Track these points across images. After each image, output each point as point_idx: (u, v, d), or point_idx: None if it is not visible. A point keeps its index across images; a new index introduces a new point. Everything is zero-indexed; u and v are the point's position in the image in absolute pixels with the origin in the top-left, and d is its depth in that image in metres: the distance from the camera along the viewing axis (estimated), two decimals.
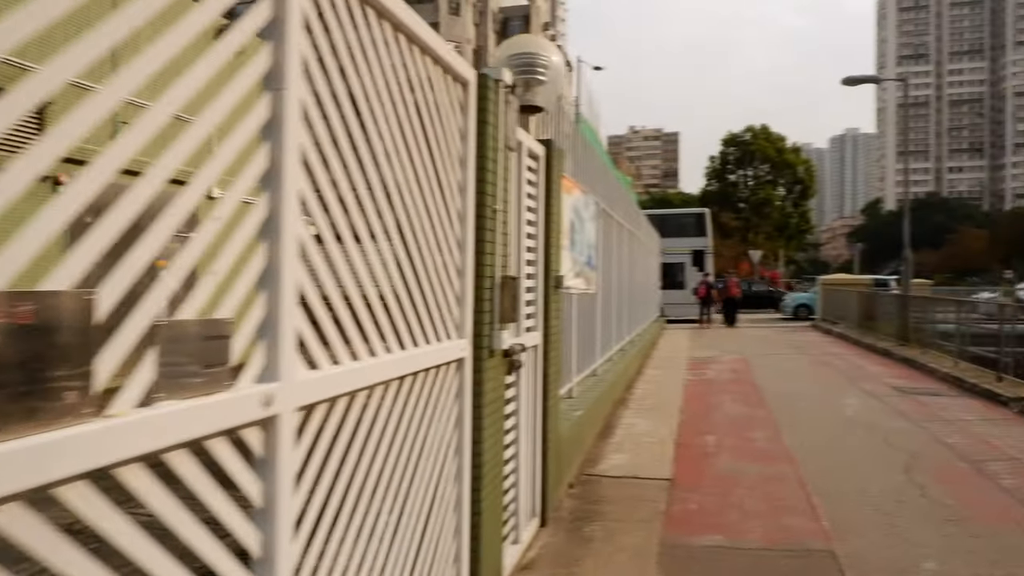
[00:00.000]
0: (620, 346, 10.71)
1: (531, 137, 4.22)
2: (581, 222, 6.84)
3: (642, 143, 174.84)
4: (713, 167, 49.02)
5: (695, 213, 27.70)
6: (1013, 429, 6.79)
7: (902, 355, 12.11)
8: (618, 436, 6.69)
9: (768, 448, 6.11)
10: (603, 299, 8.66)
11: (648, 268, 16.63)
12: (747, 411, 7.81)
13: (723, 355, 13.35)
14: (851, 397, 8.58)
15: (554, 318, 4.60)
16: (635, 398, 8.75)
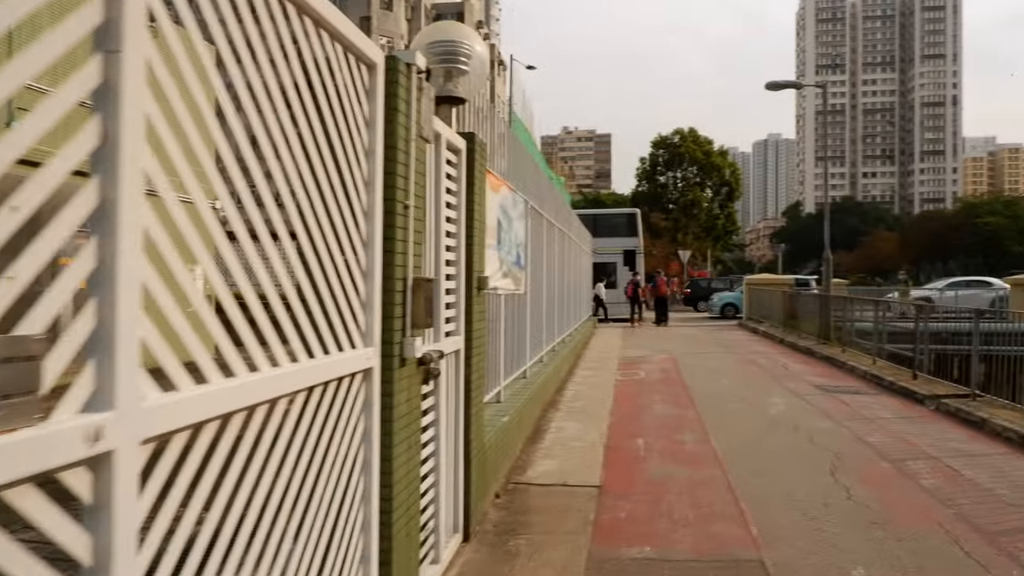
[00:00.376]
0: (551, 346, 10.58)
1: (451, 130, 3.97)
2: (509, 221, 6.63)
3: (575, 144, 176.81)
4: (643, 168, 49.87)
5: (626, 213, 28.04)
6: (929, 427, 6.97)
7: (824, 353, 12.44)
8: (547, 441, 6.52)
9: (697, 451, 6.04)
10: (533, 299, 8.48)
11: (580, 267, 16.62)
12: (676, 412, 7.77)
13: (653, 354, 13.42)
14: (776, 396, 8.69)
15: (477, 321, 4.37)
16: (566, 400, 8.61)
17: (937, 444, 6.21)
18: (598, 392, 9.16)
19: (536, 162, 9.00)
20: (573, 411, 7.91)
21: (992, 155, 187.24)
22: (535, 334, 8.63)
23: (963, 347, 10.34)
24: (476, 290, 4.34)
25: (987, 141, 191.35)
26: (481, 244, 4.53)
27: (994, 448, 6.13)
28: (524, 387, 7.17)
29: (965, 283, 25.75)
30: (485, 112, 5.30)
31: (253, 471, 1.81)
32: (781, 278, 23.33)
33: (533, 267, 8.54)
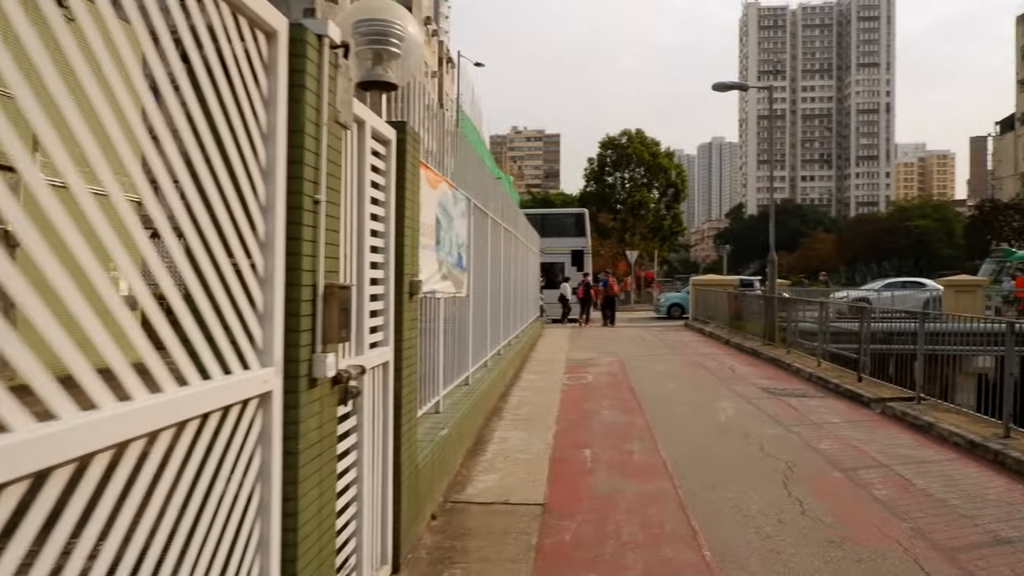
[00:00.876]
0: (497, 350, 10.23)
1: (379, 118, 3.56)
2: (449, 219, 6.25)
3: (524, 143, 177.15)
4: (591, 169, 50.01)
5: (574, 213, 27.92)
6: (877, 432, 6.88)
7: (769, 355, 12.44)
8: (490, 452, 6.15)
9: (646, 462, 5.77)
10: (477, 302, 8.11)
11: (527, 268, 16.33)
12: (624, 419, 7.52)
13: (601, 357, 13.21)
14: (725, 400, 8.53)
15: (409, 330, 3.97)
16: (510, 407, 8.26)
17: (887, 451, 6.09)
18: (544, 398, 8.85)
19: (480, 158, 8.63)
20: (518, 419, 7.56)
21: (922, 161, 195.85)
22: (479, 338, 8.26)
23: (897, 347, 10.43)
24: (408, 295, 3.94)
25: (918, 147, 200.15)
26: (414, 244, 4.13)
27: (942, 454, 6.05)
28: (466, 395, 6.80)
29: (900, 284, 26.51)
30: (421, 100, 4.90)
31: (89, 538, 1.39)
32: (726, 279, 23.55)
33: (477, 268, 8.17)
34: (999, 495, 4.89)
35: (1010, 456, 5.58)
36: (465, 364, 7.32)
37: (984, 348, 7.43)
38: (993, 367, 14.04)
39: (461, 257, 6.88)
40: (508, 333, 11.75)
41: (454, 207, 6.45)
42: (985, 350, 7.95)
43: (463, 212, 6.96)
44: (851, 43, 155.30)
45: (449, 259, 6.24)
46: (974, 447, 6.06)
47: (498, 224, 10.08)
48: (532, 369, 11.62)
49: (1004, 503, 4.71)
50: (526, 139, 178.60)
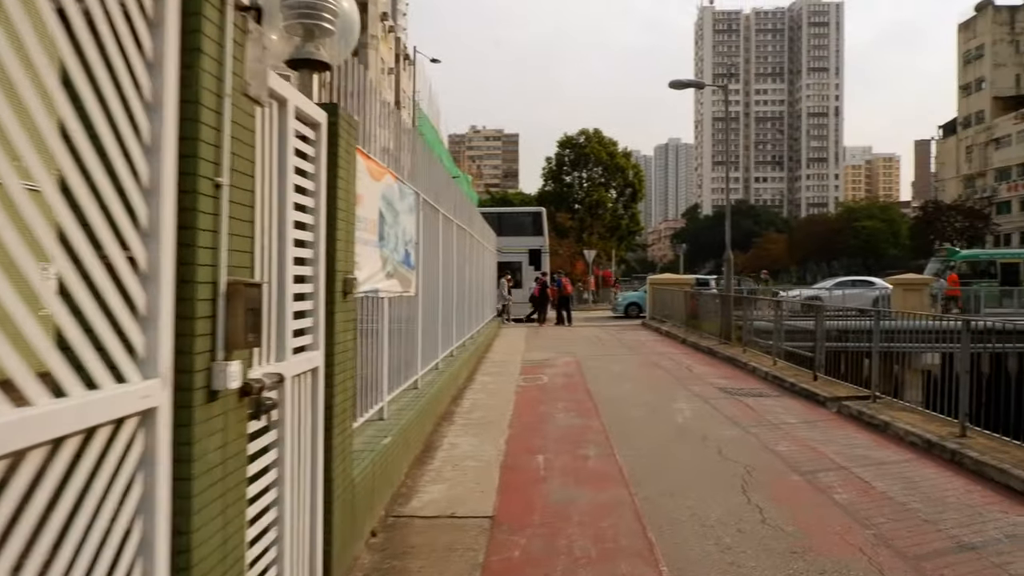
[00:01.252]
0: (450, 351, 9.91)
1: (306, 98, 3.22)
2: (395, 215, 5.91)
3: (483, 143, 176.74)
4: (550, 168, 49.95)
5: (532, 212, 27.72)
6: (834, 432, 6.78)
7: (725, 354, 12.38)
8: (438, 460, 5.83)
9: (601, 468, 5.53)
10: (427, 301, 7.78)
11: (483, 267, 16.03)
12: (580, 422, 7.28)
13: (557, 357, 12.99)
14: (682, 401, 8.37)
15: (344, 332, 3.63)
16: (463, 410, 7.95)
17: (845, 452, 5.98)
18: (498, 400, 8.56)
19: (430, 151, 8.30)
20: (470, 424, 7.26)
21: (869, 163, 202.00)
22: (429, 339, 7.93)
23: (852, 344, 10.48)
24: (342, 294, 3.60)
25: (865, 151, 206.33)
26: (349, 239, 3.79)
27: (899, 454, 5.95)
28: (414, 400, 6.46)
29: (851, 283, 27.04)
30: (360, 81, 4.55)
31: None
32: (683, 278, 23.64)
33: (427, 266, 7.84)
34: (959, 497, 4.78)
35: (967, 456, 5.50)
36: (414, 367, 6.98)
37: (940, 345, 7.38)
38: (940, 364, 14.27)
39: (409, 254, 6.54)
40: (462, 334, 11.44)
41: (400, 201, 6.11)
42: (940, 347, 7.94)
43: (411, 207, 6.63)
44: (802, 48, 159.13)
45: (395, 256, 5.91)
46: (931, 447, 5.98)
47: (451, 221, 9.76)
48: (487, 371, 11.32)
49: (964, 506, 4.60)
50: (485, 138, 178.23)
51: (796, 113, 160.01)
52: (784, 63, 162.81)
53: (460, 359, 10.00)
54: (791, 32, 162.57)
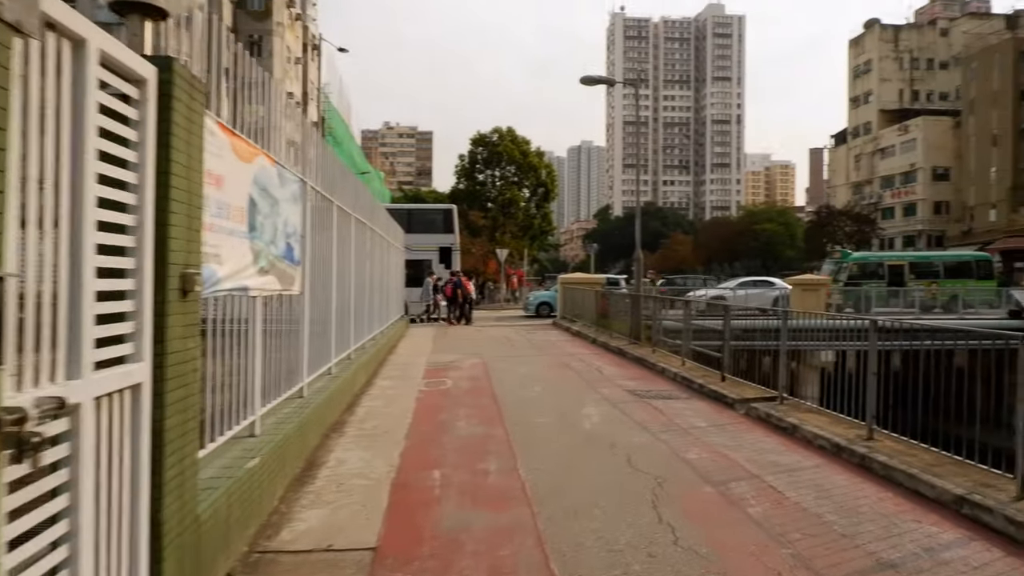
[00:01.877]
0: (347, 354, 9.20)
1: (122, 45, 2.55)
2: (273, 203, 5.20)
3: (397, 140, 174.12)
4: (463, 166, 49.32)
5: (443, 209, 27.08)
6: (743, 436, 6.57)
7: (635, 354, 12.21)
8: (321, 480, 5.18)
9: (503, 485, 5.04)
10: (317, 300, 7.08)
11: (389, 264, 15.30)
12: (482, 431, 6.77)
13: (464, 359, 12.46)
14: (591, 405, 8.01)
15: (182, 339, 2.96)
16: (356, 419, 7.29)
17: (755, 458, 5.74)
18: (396, 408, 7.94)
19: (322, 138, 7.57)
20: (362, 435, 6.61)
21: (767, 170, 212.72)
22: (319, 342, 7.22)
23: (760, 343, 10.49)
24: (180, 293, 2.93)
25: (763, 158, 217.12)
26: (193, 226, 3.12)
27: (809, 459, 5.78)
28: (298, 410, 5.77)
29: (752, 283, 27.90)
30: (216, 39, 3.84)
31: None
32: (594, 277, 23.62)
33: (318, 262, 7.14)
34: (872, 506, 4.58)
35: (876, 460, 5.36)
36: (298, 373, 6.27)
37: (848, 343, 7.32)
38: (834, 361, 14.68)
39: (292, 248, 5.84)
40: (362, 335, 10.72)
41: (281, 188, 5.41)
42: (848, 344, 7.93)
43: (295, 196, 5.93)
44: (707, 57, 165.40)
45: (272, 250, 5.21)
46: (840, 451, 5.84)
47: (348, 214, 9.05)
48: (388, 374, 10.65)
49: (879, 516, 4.39)
50: (398, 135, 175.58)
51: (701, 120, 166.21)
52: (691, 71, 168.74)
53: (358, 362, 9.31)
54: (697, 42, 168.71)
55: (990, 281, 28.79)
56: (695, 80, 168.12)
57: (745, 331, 11.73)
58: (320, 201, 7.35)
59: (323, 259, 7.69)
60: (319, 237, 7.44)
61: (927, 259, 30.37)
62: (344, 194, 8.95)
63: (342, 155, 44.40)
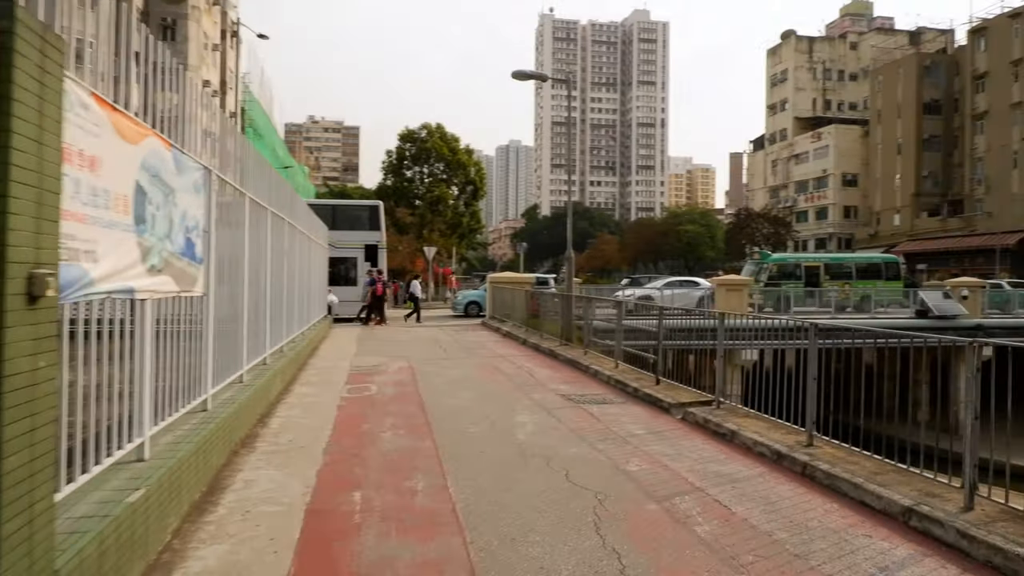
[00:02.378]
0: (262, 359, 8.51)
1: None
2: (168, 192, 4.56)
3: (322, 134, 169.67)
4: (390, 162, 48.22)
5: (368, 205, 26.20)
6: (683, 444, 6.32)
7: (567, 356, 11.93)
8: (224, 507, 4.58)
9: (431, 507, 4.58)
10: (225, 302, 6.42)
11: (311, 262, 14.53)
12: (409, 443, 6.27)
13: (389, 362, 11.87)
14: (524, 412, 7.63)
15: (26, 356, 2.37)
16: (270, 432, 6.65)
17: (697, 468, 5.49)
18: (315, 418, 7.33)
19: (232, 123, 6.88)
20: (276, 450, 6.00)
21: (689, 173, 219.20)
22: (227, 348, 6.56)
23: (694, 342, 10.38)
24: (26, 299, 2.35)
25: (685, 161, 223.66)
26: (48, 215, 2.53)
27: (751, 467, 5.57)
28: (200, 426, 5.13)
29: (679, 283, 28.27)
30: None
31: None
32: (524, 277, 23.34)
33: (226, 260, 6.48)
34: (821, 520, 4.37)
35: (819, 469, 5.19)
36: (201, 384, 5.62)
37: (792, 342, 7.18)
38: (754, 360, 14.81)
39: (193, 245, 5.19)
40: (279, 338, 10.00)
41: (178, 176, 4.77)
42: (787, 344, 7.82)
43: (197, 186, 5.28)
44: (633, 61, 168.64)
45: (168, 246, 4.57)
46: (781, 458, 5.66)
47: (263, 208, 8.37)
48: (308, 380, 9.96)
49: (829, 531, 4.17)
50: (324, 129, 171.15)
51: (627, 122, 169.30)
52: (617, 74, 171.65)
53: (275, 368, 8.62)
54: (623, 46, 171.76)
55: (898, 282, 30.22)
56: (621, 83, 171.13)
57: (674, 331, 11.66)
58: (230, 193, 6.68)
59: (234, 257, 7.01)
60: (229, 232, 6.77)
61: (841, 261, 31.60)
62: (259, 186, 8.26)
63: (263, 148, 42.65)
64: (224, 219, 6.44)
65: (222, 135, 6.11)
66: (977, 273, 42.24)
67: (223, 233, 6.39)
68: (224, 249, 6.46)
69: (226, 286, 6.63)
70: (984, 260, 45.86)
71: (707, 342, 9.11)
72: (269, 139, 45.91)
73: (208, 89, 43.70)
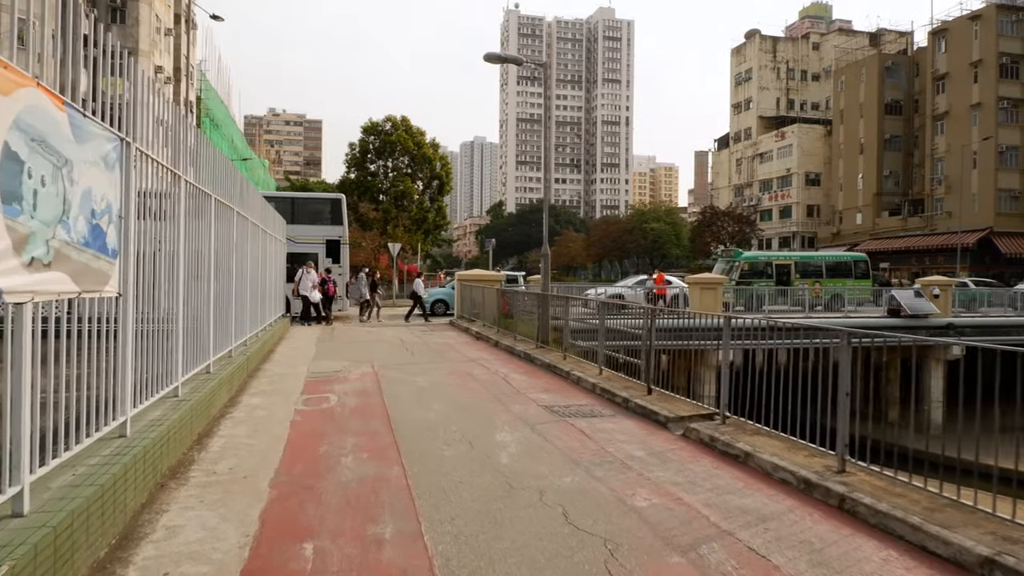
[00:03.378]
0: (206, 366, 7.47)
1: None
2: (61, 164, 3.52)
3: (284, 127, 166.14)
4: (353, 155, 46.67)
5: (330, 199, 24.95)
6: (692, 469, 5.49)
7: (545, 360, 11.06)
8: (135, 570, 3.58)
9: (402, 565, 3.64)
10: (152, 302, 5.39)
11: (267, 258, 13.41)
12: (375, 471, 5.32)
13: (352, 367, 10.85)
14: (505, 430, 6.72)
15: None
16: (209, 457, 5.63)
17: (716, 502, 4.66)
18: (264, 437, 6.32)
19: (161, 88, 5.81)
20: (213, 482, 5.00)
21: (653, 171, 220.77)
22: (155, 359, 5.52)
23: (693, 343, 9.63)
24: None
25: (649, 159, 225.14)
26: None
27: (777, 499, 4.76)
28: (111, 459, 4.12)
29: None
30: None
31: None
32: (493, 274, 22.40)
33: (157, 255, 5.45)
34: (880, 574, 3.58)
35: (861, 504, 4.41)
36: (118, 404, 4.59)
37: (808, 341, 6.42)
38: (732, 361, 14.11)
39: (103, 234, 4.17)
40: (227, 341, 8.93)
41: (78, 146, 3.74)
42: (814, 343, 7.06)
43: (108, 160, 4.25)
44: (598, 59, 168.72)
45: (62, 234, 3.55)
46: (810, 488, 4.87)
47: (206, 195, 7.31)
48: (259, 388, 8.90)
49: None
50: (285, 123, 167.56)
51: (592, 120, 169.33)
52: (582, 72, 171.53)
53: (220, 377, 7.57)
54: (589, 43, 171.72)
55: (867, 280, 30.14)
56: (586, 81, 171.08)
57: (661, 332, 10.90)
58: (162, 175, 5.64)
59: (168, 249, 5.97)
60: (161, 220, 5.73)
61: (811, 259, 31.39)
62: (202, 168, 7.21)
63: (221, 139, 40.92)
64: (152, 205, 5.40)
65: (141, 98, 5.06)
66: (938, 272, 42.78)
67: (151, 221, 5.35)
68: (151, 241, 5.43)
69: (159, 284, 5.60)
70: (945, 259, 46.49)
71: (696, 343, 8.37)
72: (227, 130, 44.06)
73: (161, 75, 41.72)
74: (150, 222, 5.35)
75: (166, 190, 5.89)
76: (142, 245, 5.08)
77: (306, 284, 19.73)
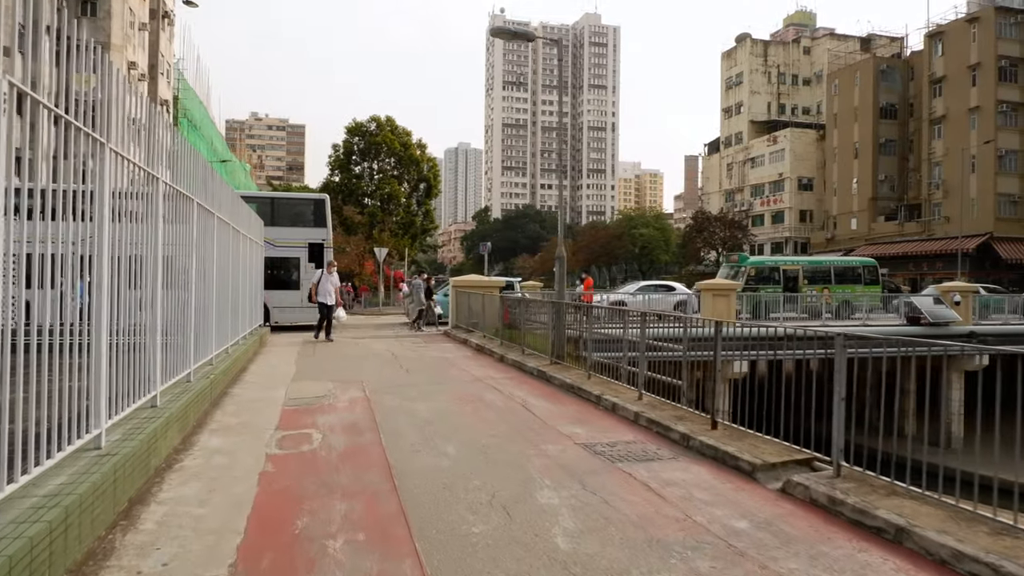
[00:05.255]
0: (144, 402, 5.76)
1: None
2: None
3: (266, 132, 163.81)
4: (337, 156, 44.93)
5: (313, 199, 23.20)
6: (827, 553, 3.87)
7: (565, 380, 9.42)
8: None
9: None
10: (52, 316, 3.72)
11: (243, 262, 11.72)
12: (378, 564, 3.66)
13: (339, 390, 9.15)
14: (545, 484, 5.08)
15: None
16: (136, 543, 3.93)
17: None
18: (220, 503, 4.62)
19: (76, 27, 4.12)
20: (143, 571, 3.32)
21: (638, 177, 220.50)
22: (68, 395, 3.84)
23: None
24: None
25: (634, 165, 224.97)
26: None
27: None
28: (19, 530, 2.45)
29: (653, 287, 26.20)
30: None
31: None
32: (491, 280, 20.77)
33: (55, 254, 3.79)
34: None
35: None
36: (25, 463, 2.92)
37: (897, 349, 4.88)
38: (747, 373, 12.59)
39: None
40: (184, 363, 7.22)
41: None
42: None
43: None
44: (584, 65, 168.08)
45: None
46: None
47: (152, 176, 5.63)
48: (223, 421, 7.19)
49: None
50: (268, 127, 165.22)
51: (578, 126, 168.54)
52: (568, 77, 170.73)
53: (169, 413, 5.86)
54: (575, 49, 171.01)
55: (876, 286, 28.88)
56: (572, 87, 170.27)
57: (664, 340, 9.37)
58: (108, 157, 3.98)
59: (91, 250, 4.30)
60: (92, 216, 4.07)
61: (819, 264, 30.10)
62: (156, 152, 5.56)
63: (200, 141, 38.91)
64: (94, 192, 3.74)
65: (36, 28, 3.40)
66: (937, 278, 41.78)
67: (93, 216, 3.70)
68: (55, 233, 3.77)
69: (64, 294, 3.93)
70: (944, 264, 45.58)
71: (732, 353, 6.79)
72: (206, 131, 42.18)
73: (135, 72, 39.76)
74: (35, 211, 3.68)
75: (80, 157, 4.22)
76: (43, 239, 3.42)
77: (326, 289, 16.17)
